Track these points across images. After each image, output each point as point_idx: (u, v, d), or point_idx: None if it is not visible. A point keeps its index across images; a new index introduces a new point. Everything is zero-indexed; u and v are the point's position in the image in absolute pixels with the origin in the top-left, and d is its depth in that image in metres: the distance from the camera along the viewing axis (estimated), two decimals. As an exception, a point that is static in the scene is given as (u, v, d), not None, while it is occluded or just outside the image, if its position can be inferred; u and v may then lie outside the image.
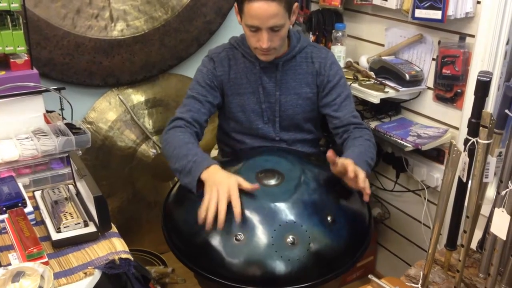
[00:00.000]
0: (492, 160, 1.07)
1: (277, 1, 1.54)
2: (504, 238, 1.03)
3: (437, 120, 2.04)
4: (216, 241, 1.38)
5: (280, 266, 1.32)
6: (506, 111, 1.04)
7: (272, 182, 1.49)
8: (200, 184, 1.48)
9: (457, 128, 1.95)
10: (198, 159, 1.53)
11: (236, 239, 1.35)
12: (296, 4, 1.65)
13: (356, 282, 2.46)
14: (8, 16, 1.60)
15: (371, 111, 2.19)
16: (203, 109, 1.74)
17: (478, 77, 1.04)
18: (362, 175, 1.42)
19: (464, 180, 1.11)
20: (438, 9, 1.79)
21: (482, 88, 1.04)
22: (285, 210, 1.40)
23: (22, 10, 1.59)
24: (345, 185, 1.51)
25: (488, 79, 1.03)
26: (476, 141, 1.05)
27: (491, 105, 1.81)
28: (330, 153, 1.47)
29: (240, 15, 1.64)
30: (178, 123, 1.70)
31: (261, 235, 1.35)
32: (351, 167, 1.42)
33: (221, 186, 1.41)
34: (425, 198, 2.15)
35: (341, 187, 1.57)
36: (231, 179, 1.43)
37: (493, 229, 1.04)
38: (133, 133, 2.39)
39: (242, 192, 1.44)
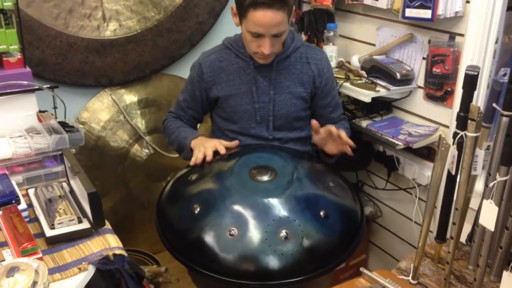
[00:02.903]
0: (480, 153, 1.09)
1: (282, 9, 1.55)
2: (493, 230, 1.05)
3: (428, 119, 2.06)
4: (209, 236, 1.39)
5: (273, 261, 1.33)
6: (494, 104, 1.06)
7: (265, 178, 1.51)
8: None
9: (447, 126, 1.97)
10: (187, 135, 1.80)
11: (230, 234, 1.36)
12: (293, 6, 1.67)
13: (348, 281, 2.47)
14: (1, 15, 1.60)
15: (363, 110, 2.21)
16: (185, 120, 1.92)
17: (466, 71, 1.05)
18: (343, 133, 1.61)
19: (453, 173, 1.13)
20: (428, 8, 1.81)
21: (470, 82, 1.06)
22: (278, 206, 1.41)
23: (15, 8, 1.60)
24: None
25: (476, 73, 1.04)
26: (465, 134, 1.07)
27: (480, 103, 1.83)
28: (314, 121, 1.67)
29: (240, 19, 1.64)
30: (168, 115, 1.95)
31: (255, 230, 1.36)
32: (335, 129, 1.62)
33: (206, 143, 1.69)
34: (416, 196, 2.17)
35: (334, 183, 1.59)
36: (213, 140, 1.72)
37: (482, 220, 1.06)
38: (126, 133, 2.39)
39: (235, 188, 1.45)
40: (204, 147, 1.66)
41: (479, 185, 1.62)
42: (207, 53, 1.84)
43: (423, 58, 2.00)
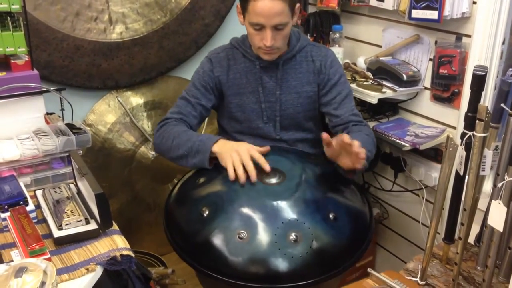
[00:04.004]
0: (489, 153, 1.09)
1: None
2: (501, 230, 1.04)
3: (435, 120, 2.06)
4: (219, 239, 1.39)
5: (283, 264, 1.33)
6: (502, 105, 1.05)
7: (274, 180, 1.51)
8: (211, 160, 1.61)
9: (454, 128, 1.97)
10: (203, 138, 1.64)
11: (239, 237, 1.36)
12: (298, 4, 1.67)
13: (356, 282, 2.46)
14: (9, 18, 1.61)
15: (369, 111, 2.21)
16: (194, 112, 1.79)
17: (474, 71, 1.05)
18: (357, 142, 1.43)
19: (461, 173, 1.13)
20: (434, 9, 1.81)
21: (478, 82, 1.05)
22: (287, 208, 1.41)
23: (23, 11, 1.61)
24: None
25: (484, 73, 1.04)
26: (473, 134, 1.07)
27: (488, 104, 1.82)
28: (325, 135, 1.51)
29: (243, 14, 1.66)
30: (168, 121, 1.76)
31: (264, 233, 1.36)
32: (347, 137, 1.42)
33: (239, 148, 1.55)
34: (423, 198, 2.16)
35: (342, 185, 1.58)
36: (244, 143, 1.61)
37: (490, 221, 1.06)
38: (132, 136, 2.40)
39: (243, 190, 1.45)
40: (239, 154, 1.53)
41: (487, 186, 1.62)
42: (215, 51, 1.85)
43: (430, 59, 2.00)
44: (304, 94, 1.80)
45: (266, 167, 1.52)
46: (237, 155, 1.53)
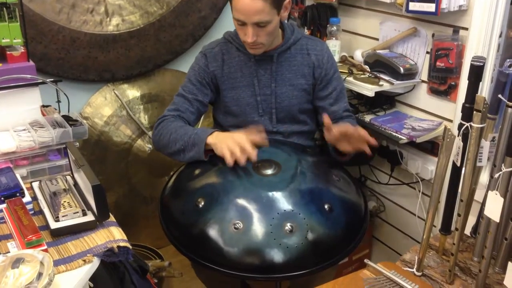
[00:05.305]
0: (486, 144, 1.09)
1: None
2: (498, 221, 1.05)
3: (431, 113, 2.06)
4: (214, 230, 1.39)
5: (278, 254, 1.33)
6: (499, 96, 1.06)
7: (269, 171, 1.51)
8: (207, 152, 1.61)
9: (451, 121, 1.97)
10: (199, 131, 1.63)
11: (235, 228, 1.36)
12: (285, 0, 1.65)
13: (353, 273, 2.47)
14: (5, 9, 1.60)
15: (366, 104, 2.21)
16: (191, 108, 1.79)
17: (472, 62, 1.05)
18: (363, 131, 1.53)
19: (458, 164, 1.13)
20: (431, 2, 1.81)
21: (476, 72, 1.05)
22: (283, 199, 1.42)
23: (19, 2, 1.60)
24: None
25: (482, 64, 1.04)
26: (470, 125, 1.07)
27: (485, 96, 1.82)
28: (327, 119, 1.54)
29: (231, 8, 1.65)
30: (166, 118, 1.76)
31: (260, 224, 1.37)
32: (352, 128, 1.52)
33: (234, 135, 1.56)
34: (419, 191, 2.16)
35: (337, 177, 1.58)
36: (239, 132, 1.59)
37: (487, 212, 1.06)
38: (129, 129, 2.39)
39: (239, 181, 1.45)
40: (234, 139, 1.53)
41: (483, 177, 1.62)
42: (209, 46, 1.84)
43: (427, 52, 2.00)
44: (298, 87, 1.80)
45: (255, 143, 1.55)
46: (233, 141, 1.53)
